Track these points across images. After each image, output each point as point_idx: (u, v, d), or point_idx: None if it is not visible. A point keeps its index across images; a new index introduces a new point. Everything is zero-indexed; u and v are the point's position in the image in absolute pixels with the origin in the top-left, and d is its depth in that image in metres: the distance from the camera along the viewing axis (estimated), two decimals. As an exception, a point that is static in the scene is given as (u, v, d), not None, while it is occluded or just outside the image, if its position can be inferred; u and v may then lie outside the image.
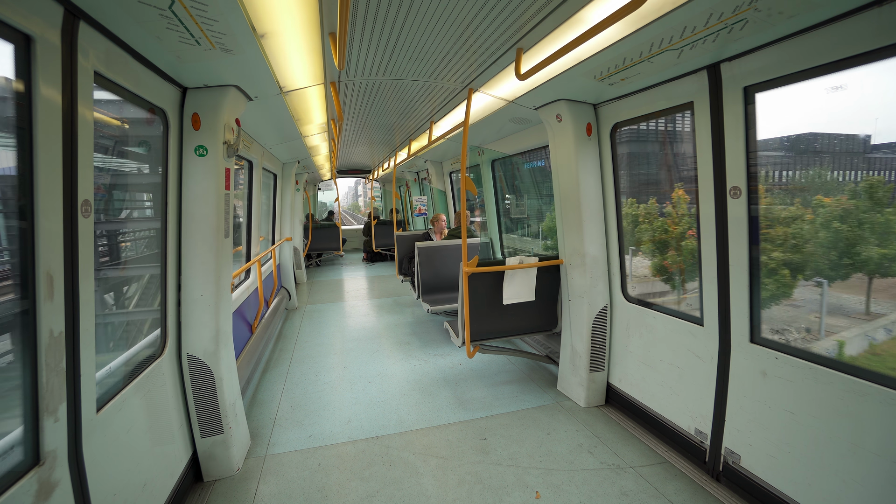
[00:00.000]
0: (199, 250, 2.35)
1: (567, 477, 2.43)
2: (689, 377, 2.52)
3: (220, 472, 2.48)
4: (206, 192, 2.34)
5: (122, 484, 1.76)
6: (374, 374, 3.90)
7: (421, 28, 2.04)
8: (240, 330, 3.80)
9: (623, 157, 3.07)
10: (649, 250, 4.59)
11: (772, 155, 3.35)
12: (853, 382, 1.73)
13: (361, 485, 2.40)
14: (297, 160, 6.45)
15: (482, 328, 3.38)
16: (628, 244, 3.15)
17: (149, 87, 2.00)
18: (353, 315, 6.02)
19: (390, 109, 3.82)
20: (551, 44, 2.07)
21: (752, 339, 2.15)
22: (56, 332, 1.39)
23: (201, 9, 1.55)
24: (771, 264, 2.61)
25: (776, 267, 2.69)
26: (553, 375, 3.75)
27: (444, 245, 5.14)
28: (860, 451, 1.72)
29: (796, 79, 1.88)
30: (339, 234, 10.19)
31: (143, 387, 2.00)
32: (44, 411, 1.35)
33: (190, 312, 2.35)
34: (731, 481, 2.26)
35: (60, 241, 1.41)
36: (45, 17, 1.33)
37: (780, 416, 2.01)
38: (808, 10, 1.59)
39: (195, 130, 2.32)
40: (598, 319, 3.12)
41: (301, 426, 3.03)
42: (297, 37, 2.00)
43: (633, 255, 4.45)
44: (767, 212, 2.30)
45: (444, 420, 3.08)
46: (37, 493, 1.31)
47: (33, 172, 1.31)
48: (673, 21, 1.74)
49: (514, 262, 3.29)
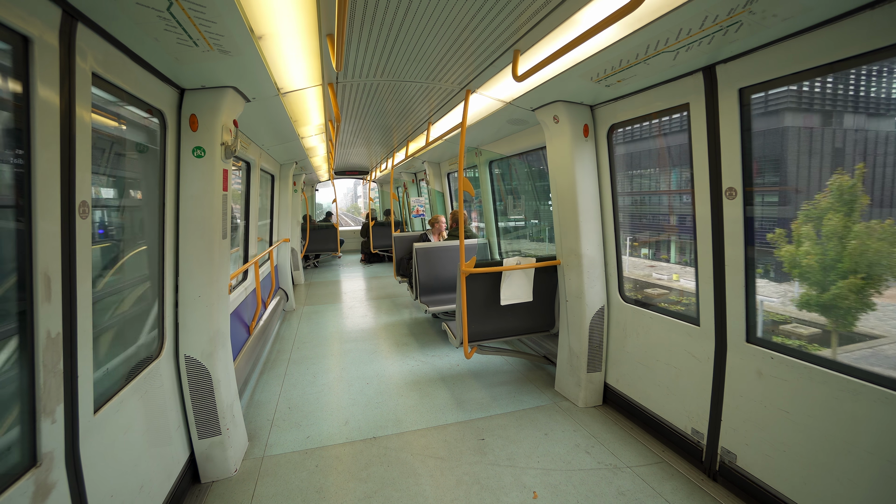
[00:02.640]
0: (197, 251, 2.35)
1: (564, 477, 2.43)
2: (685, 377, 2.53)
3: (217, 473, 2.47)
4: (203, 194, 2.34)
5: (119, 485, 1.75)
6: (372, 375, 3.90)
7: (419, 29, 2.05)
8: (237, 331, 3.79)
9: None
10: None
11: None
12: (848, 382, 1.74)
13: (359, 486, 2.40)
14: (294, 161, 6.45)
15: (480, 329, 3.39)
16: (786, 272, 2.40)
17: (146, 88, 2.00)
18: (351, 316, 6.01)
19: (388, 111, 3.82)
20: (548, 45, 2.08)
21: (748, 339, 2.17)
22: (54, 333, 1.39)
23: (199, 10, 1.55)
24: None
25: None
26: (550, 376, 3.76)
27: (442, 246, 5.14)
28: (855, 450, 1.73)
29: (791, 81, 1.90)
30: (336, 235, 10.18)
31: (141, 388, 2.00)
32: (41, 412, 1.34)
33: (187, 314, 2.35)
34: (728, 481, 2.27)
35: (58, 242, 1.41)
36: (44, 18, 1.33)
37: (776, 416, 2.02)
38: (802, 12, 1.61)
39: (193, 132, 2.32)
40: (596, 320, 3.13)
41: (299, 427, 3.03)
42: (294, 38, 2.01)
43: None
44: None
45: (442, 421, 3.08)
46: (34, 494, 1.31)
47: (31, 173, 1.31)
48: (669, 23, 1.76)
49: (511, 262, 3.30)
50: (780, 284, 2.81)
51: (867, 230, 2.12)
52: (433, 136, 4.44)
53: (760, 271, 2.20)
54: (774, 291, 2.84)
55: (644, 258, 5.06)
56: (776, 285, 2.82)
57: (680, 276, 4.36)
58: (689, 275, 3.26)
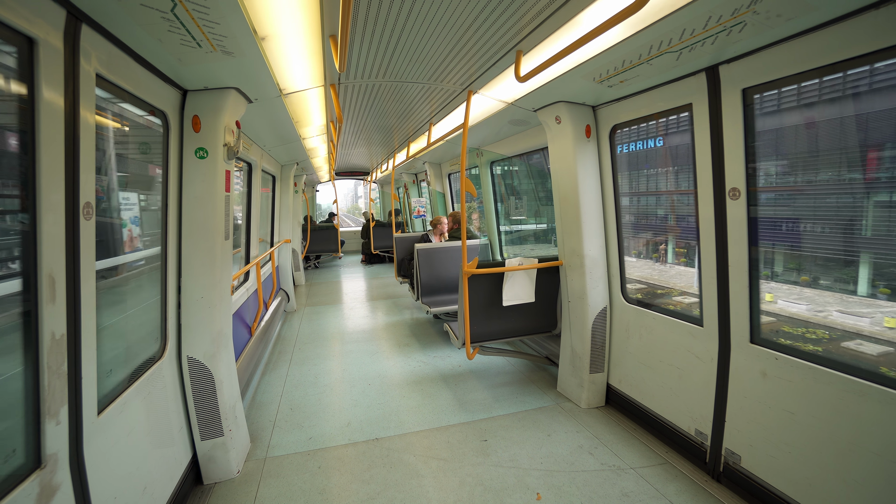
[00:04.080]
0: (200, 252, 2.35)
1: (568, 478, 2.43)
2: (689, 378, 2.53)
3: (220, 474, 2.47)
4: (206, 195, 2.34)
5: (122, 487, 1.75)
6: (374, 376, 3.89)
7: (421, 30, 2.05)
8: (239, 332, 3.79)
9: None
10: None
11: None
12: (853, 382, 1.74)
13: (362, 487, 2.39)
14: (295, 162, 6.46)
15: (482, 330, 3.38)
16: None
17: (150, 89, 2.01)
18: (352, 317, 6.01)
19: (390, 111, 3.82)
20: (551, 46, 2.08)
21: (752, 340, 2.16)
22: (58, 334, 1.39)
23: (203, 12, 1.55)
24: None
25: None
26: (553, 377, 3.75)
27: (443, 247, 5.14)
28: (860, 451, 1.73)
29: (794, 81, 1.89)
30: (337, 235, 10.19)
31: (144, 389, 2.00)
32: (45, 414, 1.34)
33: (190, 315, 2.34)
34: (732, 482, 2.27)
35: (62, 243, 1.41)
36: (48, 20, 1.33)
37: (781, 417, 2.02)
38: (806, 12, 1.60)
39: (195, 133, 2.32)
40: (598, 321, 3.13)
41: (301, 428, 3.02)
42: (297, 39, 2.01)
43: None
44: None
45: (445, 422, 3.07)
46: (38, 496, 1.31)
47: (35, 174, 1.31)
48: (672, 24, 1.75)
49: (513, 263, 3.30)
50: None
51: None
52: (435, 136, 4.44)
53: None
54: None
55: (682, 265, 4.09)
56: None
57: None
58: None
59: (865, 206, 2.01)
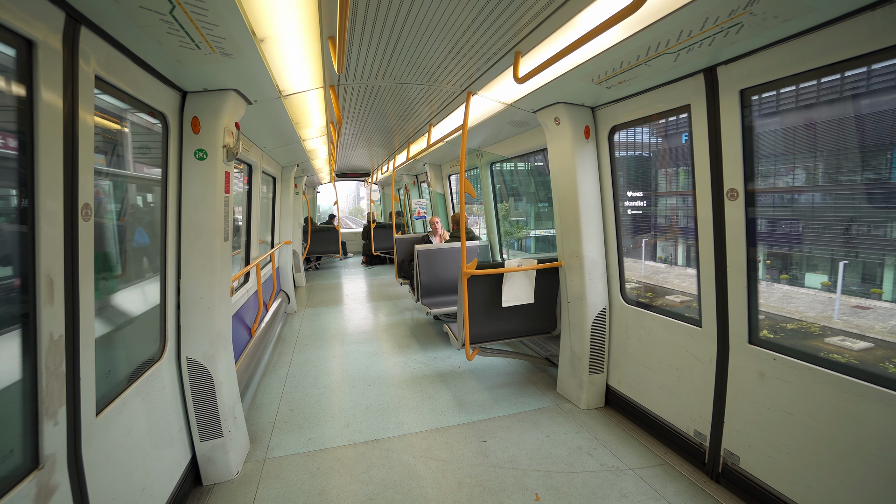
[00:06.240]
0: (199, 254, 2.35)
1: (567, 479, 2.42)
2: (687, 379, 2.52)
3: (219, 475, 2.47)
4: (205, 196, 2.35)
5: (121, 488, 1.75)
6: (374, 377, 3.89)
7: (420, 32, 2.05)
8: (239, 333, 3.80)
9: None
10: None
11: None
12: (851, 383, 1.74)
13: (361, 488, 2.39)
14: (296, 163, 6.47)
15: (482, 331, 3.38)
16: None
17: (149, 91, 2.01)
18: (352, 318, 6.01)
19: (389, 113, 3.83)
20: (549, 47, 2.09)
21: (751, 341, 2.16)
22: (56, 335, 1.39)
23: (202, 13, 1.56)
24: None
25: None
26: (552, 378, 3.75)
27: (443, 248, 5.15)
28: (858, 452, 1.72)
29: (792, 82, 1.90)
30: (338, 237, 10.20)
31: (143, 390, 2.00)
32: (43, 415, 1.34)
33: (189, 316, 2.35)
34: (731, 483, 2.26)
35: (61, 244, 1.42)
36: (48, 22, 1.34)
37: (779, 417, 2.02)
38: (803, 13, 1.61)
39: (195, 134, 2.33)
40: (597, 321, 3.13)
41: (300, 429, 3.03)
42: (296, 41, 2.01)
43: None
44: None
45: (444, 423, 3.07)
46: (36, 496, 1.31)
47: (34, 176, 1.32)
48: (669, 25, 1.76)
49: (513, 264, 3.30)
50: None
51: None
52: (434, 137, 4.45)
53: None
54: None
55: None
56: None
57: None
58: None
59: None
